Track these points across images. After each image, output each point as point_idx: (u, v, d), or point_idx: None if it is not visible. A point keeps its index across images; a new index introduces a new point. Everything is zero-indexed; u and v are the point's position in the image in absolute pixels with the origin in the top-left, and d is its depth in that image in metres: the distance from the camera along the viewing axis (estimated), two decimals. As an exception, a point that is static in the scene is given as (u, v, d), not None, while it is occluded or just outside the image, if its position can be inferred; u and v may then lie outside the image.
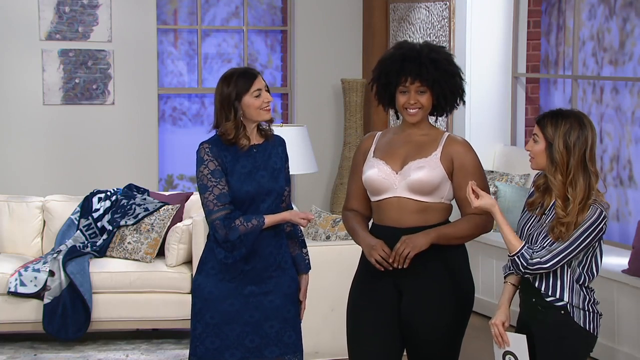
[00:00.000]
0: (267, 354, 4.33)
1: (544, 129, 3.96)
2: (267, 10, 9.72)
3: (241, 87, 4.29)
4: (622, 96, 7.52)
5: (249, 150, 4.31)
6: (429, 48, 4.21)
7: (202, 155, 4.26)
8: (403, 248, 4.10)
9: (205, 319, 4.31)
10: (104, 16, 8.93)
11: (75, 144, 8.98)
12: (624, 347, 6.24)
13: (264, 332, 4.32)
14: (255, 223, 4.22)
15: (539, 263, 3.89)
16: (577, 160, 3.91)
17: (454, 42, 8.32)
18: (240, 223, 4.21)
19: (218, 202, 4.21)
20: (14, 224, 7.26)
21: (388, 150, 4.27)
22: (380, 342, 4.23)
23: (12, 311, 6.70)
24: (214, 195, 4.22)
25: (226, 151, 4.27)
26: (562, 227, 3.88)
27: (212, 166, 4.24)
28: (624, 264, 6.35)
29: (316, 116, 9.57)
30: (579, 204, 3.87)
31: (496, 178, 7.76)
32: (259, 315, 4.32)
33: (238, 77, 4.33)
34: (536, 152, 3.99)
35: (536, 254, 3.90)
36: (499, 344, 4.04)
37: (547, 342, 3.95)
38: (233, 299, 4.30)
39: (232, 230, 4.20)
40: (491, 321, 4.07)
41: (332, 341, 6.13)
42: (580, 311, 3.94)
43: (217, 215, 4.21)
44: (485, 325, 4.25)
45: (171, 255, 6.86)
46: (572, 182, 3.90)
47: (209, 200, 4.22)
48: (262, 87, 4.31)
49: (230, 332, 4.30)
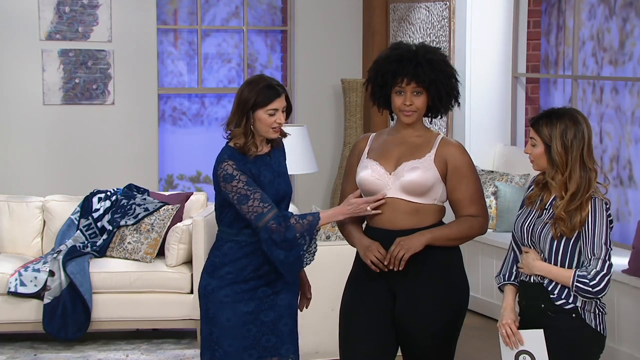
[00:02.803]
0: (283, 352, 4.35)
1: (540, 132, 3.96)
2: (267, 10, 9.72)
3: (260, 100, 4.24)
4: (622, 96, 7.52)
5: (264, 160, 4.31)
6: (425, 49, 4.21)
7: (231, 172, 4.21)
8: (398, 250, 4.10)
9: (221, 322, 4.30)
10: (104, 16, 8.93)
11: (75, 144, 8.98)
12: (624, 347, 6.24)
13: (279, 330, 4.34)
14: (311, 219, 4.20)
15: (597, 274, 3.87)
16: (575, 158, 3.91)
17: (454, 42, 8.32)
18: (296, 221, 4.18)
19: (265, 204, 4.18)
20: (14, 224, 7.26)
21: (382, 152, 4.27)
22: (373, 344, 4.22)
23: (12, 311, 6.70)
24: (258, 200, 4.18)
25: (248, 164, 4.26)
26: (561, 222, 3.88)
27: (244, 178, 4.20)
28: (624, 264, 6.35)
29: (316, 116, 9.57)
30: (571, 196, 3.86)
31: (496, 178, 7.76)
32: (274, 314, 4.33)
33: (262, 88, 4.26)
34: (536, 155, 3.99)
35: (589, 267, 3.89)
36: (512, 345, 3.99)
37: (561, 347, 3.92)
38: (249, 300, 4.29)
39: (288, 228, 4.17)
40: (500, 322, 4.02)
41: (332, 341, 6.11)
42: (591, 314, 3.93)
43: (269, 216, 4.17)
44: (485, 325, 4.25)
45: (171, 255, 6.86)
46: (568, 177, 3.90)
47: (255, 206, 4.18)
48: (280, 107, 4.26)
49: (247, 333, 4.30)
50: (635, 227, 6.40)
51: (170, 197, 7.36)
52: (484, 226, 4.23)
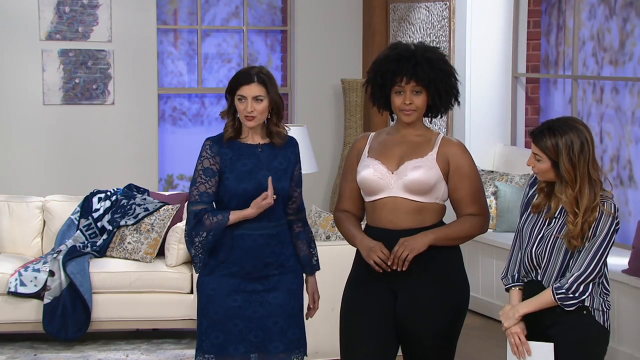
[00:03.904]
0: (271, 349, 4.36)
1: (545, 148, 3.92)
2: (267, 10, 9.72)
3: (232, 84, 4.32)
4: (622, 96, 7.52)
5: (253, 149, 4.32)
6: (424, 48, 4.20)
7: (202, 151, 4.35)
8: (402, 250, 4.10)
9: (209, 315, 4.34)
10: (104, 16, 8.93)
11: (75, 144, 8.98)
12: (624, 347, 6.24)
13: (267, 327, 4.35)
14: (220, 218, 4.27)
15: (576, 280, 3.88)
16: (583, 171, 3.89)
17: (454, 42, 8.32)
18: (207, 217, 4.28)
19: (199, 197, 4.29)
20: (14, 224, 7.26)
21: (383, 151, 4.26)
22: (374, 344, 4.21)
23: (12, 311, 6.70)
24: (199, 190, 4.31)
25: (228, 148, 4.30)
26: (575, 240, 3.89)
27: (206, 164, 4.31)
28: (624, 264, 6.35)
29: (316, 116, 9.57)
30: (584, 215, 3.87)
31: (496, 178, 7.76)
32: (263, 311, 4.34)
33: (239, 73, 4.35)
34: (542, 170, 3.96)
35: (568, 275, 3.90)
36: (519, 354, 3.98)
37: (571, 343, 3.92)
38: (236, 294, 4.32)
39: (199, 223, 4.28)
40: (509, 330, 4.01)
41: (332, 341, 6.11)
42: (600, 311, 3.94)
43: (193, 207, 4.30)
44: (485, 325, 4.25)
45: (171, 255, 6.86)
46: (579, 193, 3.89)
47: (192, 193, 4.33)
48: (249, 95, 4.26)
49: (234, 327, 4.33)
50: (635, 227, 6.40)
51: (170, 197, 7.36)
52: (485, 225, 4.23)
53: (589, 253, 3.88)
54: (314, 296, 4.56)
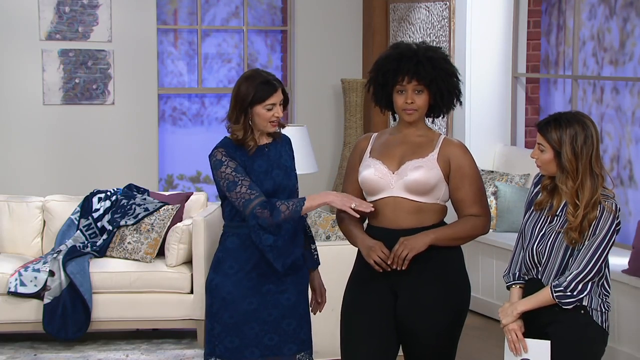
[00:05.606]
0: (285, 351, 4.35)
1: (549, 137, 3.94)
2: (267, 10, 9.72)
3: (257, 96, 4.26)
4: (622, 96, 7.52)
5: (261, 150, 4.32)
6: (426, 47, 4.21)
7: (220, 157, 4.24)
8: (402, 250, 4.10)
9: (224, 319, 4.30)
10: (104, 16, 8.93)
11: (75, 144, 8.98)
12: (624, 347, 6.24)
13: (282, 329, 4.33)
14: (296, 201, 4.18)
15: (574, 278, 3.88)
16: (585, 164, 3.90)
17: (454, 42, 8.32)
18: (281, 203, 4.17)
19: (252, 191, 4.17)
20: (14, 224, 7.26)
21: (384, 151, 4.26)
22: (375, 344, 4.21)
23: (12, 311, 6.70)
24: (246, 186, 4.18)
25: (240, 152, 4.28)
26: (574, 232, 3.89)
27: (233, 164, 4.22)
28: (624, 264, 6.35)
29: (316, 116, 9.57)
30: (585, 208, 3.87)
31: (496, 178, 7.76)
32: (277, 313, 4.32)
33: (259, 84, 4.27)
34: (544, 161, 3.97)
35: (567, 273, 3.90)
36: (516, 351, 4.00)
37: (568, 342, 3.93)
38: (252, 297, 4.29)
39: (274, 211, 4.15)
40: (507, 327, 4.02)
41: (332, 341, 6.12)
42: (598, 312, 3.95)
43: (255, 202, 4.16)
44: (485, 325, 4.25)
45: (171, 255, 6.86)
46: (580, 186, 3.89)
47: (242, 192, 4.18)
48: (277, 101, 4.29)
49: (249, 331, 4.30)
50: (635, 227, 6.40)
51: (170, 197, 7.36)
52: (486, 226, 4.23)
53: (588, 251, 3.88)
54: (321, 290, 4.56)
